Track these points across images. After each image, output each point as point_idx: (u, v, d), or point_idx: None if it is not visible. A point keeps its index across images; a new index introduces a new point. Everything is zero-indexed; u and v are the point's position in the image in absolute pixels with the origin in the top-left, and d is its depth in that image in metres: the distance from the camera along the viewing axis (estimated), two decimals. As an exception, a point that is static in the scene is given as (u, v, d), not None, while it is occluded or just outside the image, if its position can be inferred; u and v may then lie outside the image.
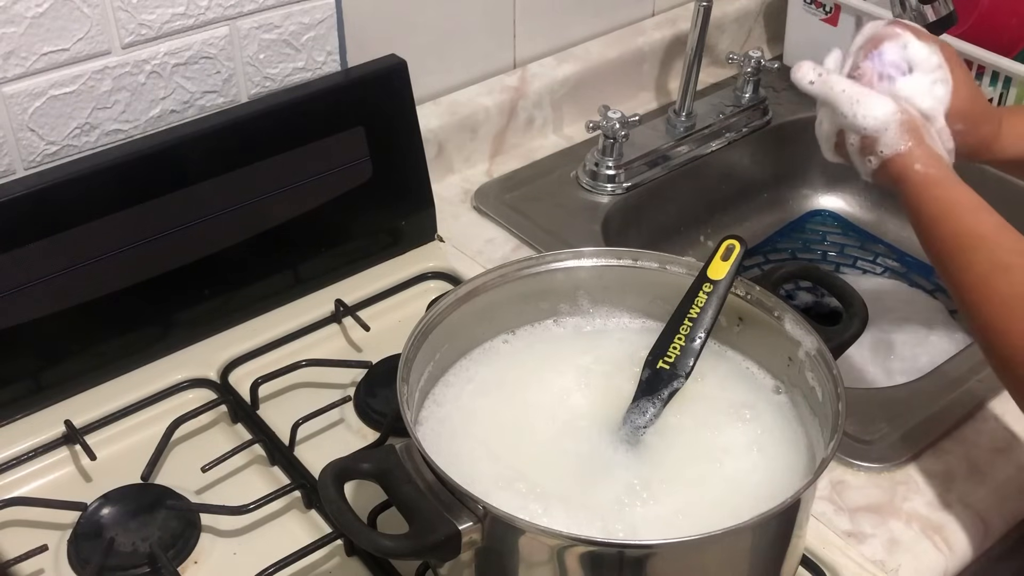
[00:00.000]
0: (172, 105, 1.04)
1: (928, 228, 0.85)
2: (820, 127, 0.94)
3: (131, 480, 0.92)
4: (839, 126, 0.91)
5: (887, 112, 0.87)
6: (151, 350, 1.03)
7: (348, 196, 1.10)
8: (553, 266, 0.90)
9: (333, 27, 1.11)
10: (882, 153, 0.88)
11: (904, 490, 0.94)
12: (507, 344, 0.91)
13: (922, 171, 0.85)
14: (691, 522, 0.75)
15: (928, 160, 0.86)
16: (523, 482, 0.78)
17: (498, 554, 0.73)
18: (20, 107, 0.95)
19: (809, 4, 1.45)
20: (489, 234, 1.22)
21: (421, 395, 0.85)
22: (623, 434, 0.82)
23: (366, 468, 0.75)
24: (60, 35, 0.94)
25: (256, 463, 0.95)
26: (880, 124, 0.87)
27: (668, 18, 1.47)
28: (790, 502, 0.71)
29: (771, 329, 0.86)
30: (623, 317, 0.93)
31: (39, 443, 0.95)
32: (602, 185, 1.29)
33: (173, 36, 1.01)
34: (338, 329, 1.09)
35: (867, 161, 0.89)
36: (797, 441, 0.83)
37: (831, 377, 0.79)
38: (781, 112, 1.44)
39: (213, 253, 1.03)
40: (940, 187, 0.84)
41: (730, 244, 0.86)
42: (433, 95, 1.27)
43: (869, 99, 0.88)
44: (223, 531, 0.89)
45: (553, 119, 1.38)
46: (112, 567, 0.84)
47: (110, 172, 0.96)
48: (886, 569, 0.87)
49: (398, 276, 1.14)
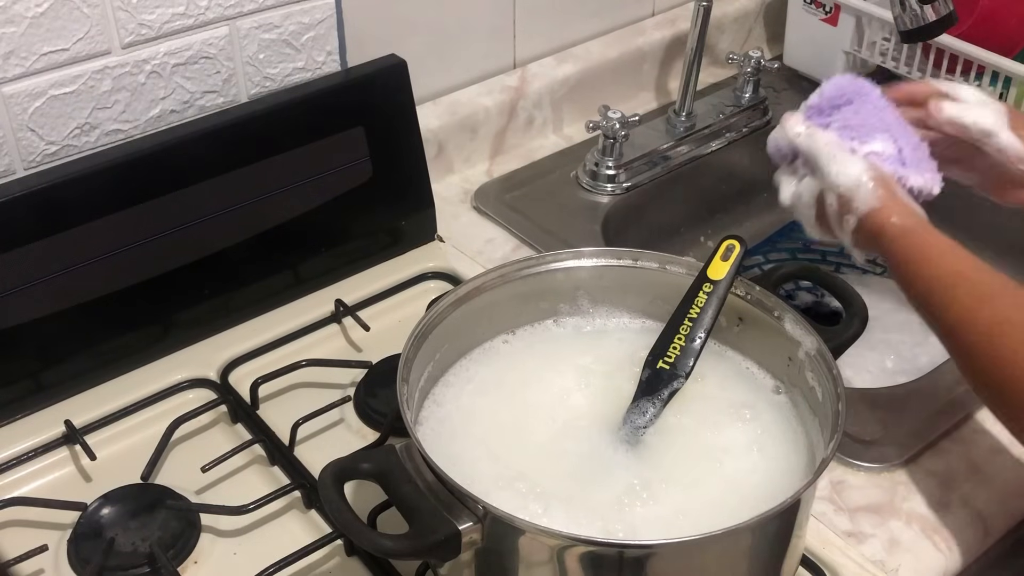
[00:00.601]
0: (172, 105, 1.04)
1: (909, 274, 0.87)
2: (800, 199, 0.95)
3: (131, 480, 0.91)
4: (818, 189, 0.93)
5: (859, 169, 0.90)
6: (151, 350, 1.03)
7: (348, 196, 1.10)
8: (553, 266, 0.91)
9: (333, 27, 1.11)
10: (858, 210, 0.90)
11: (904, 490, 0.94)
12: (507, 344, 0.91)
13: (899, 223, 0.88)
14: (691, 522, 0.75)
15: (903, 212, 0.88)
16: (523, 482, 0.78)
17: (498, 554, 0.73)
18: (20, 107, 0.95)
19: (809, 4, 1.45)
20: (489, 234, 1.22)
21: (421, 395, 0.85)
22: (623, 434, 0.82)
23: (366, 468, 0.75)
24: (60, 35, 0.94)
25: (256, 463, 0.95)
26: (853, 181, 0.89)
27: (668, 18, 1.47)
28: (790, 502, 0.71)
29: (771, 329, 0.86)
30: (623, 317, 0.93)
31: (39, 443, 0.95)
32: (602, 185, 1.29)
33: (173, 36, 1.01)
34: (338, 329, 1.09)
35: (846, 221, 0.91)
36: (797, 441, 0.83)
37: (831, 377, 0.79)
38: (781, 112, 1.44)
39: (213, 253, 1.03)
40: (917, 235, 0.87)
41: (730, 244, 0.86)
42: (433, 95, 1.27)
43: (844, 158, 0.91)
44: (223, 531, 0.89)
45: (553, 119, 1.38)
46: (112, 567, 0.84)
47: (110, 172, 0.96)
48: (886, 569, 0.87)
49: (398, 276, 1.14)
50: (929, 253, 0.86)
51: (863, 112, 0.96)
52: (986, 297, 0.82)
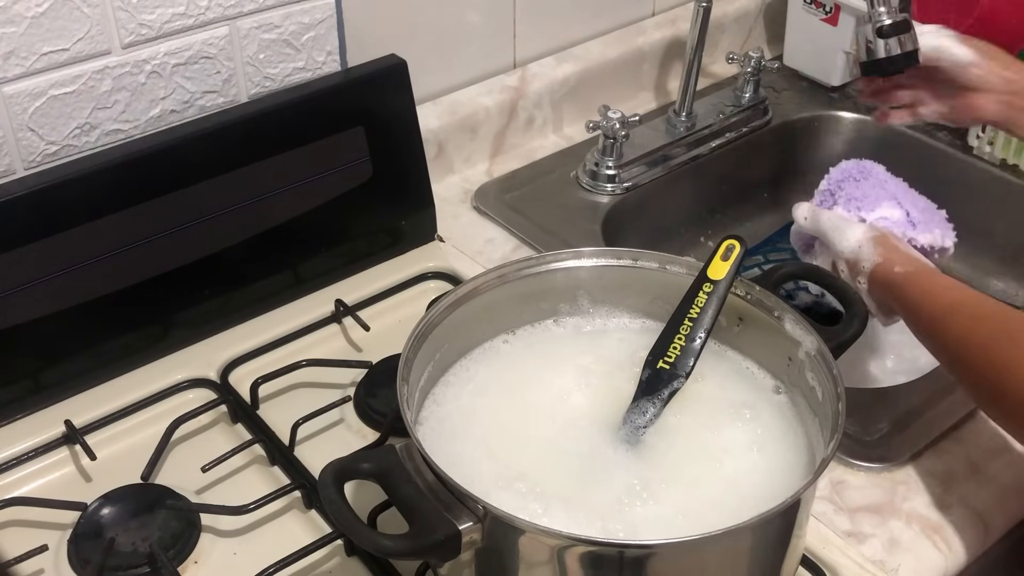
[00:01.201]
0: (172, 105, 1.04)
1: (915, 311, 0.93)
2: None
3: (131, 480, 0.92)
4: (832, 260, 1.02)
5: (859, 233, 1.00)
6: (151, 350, 1.03)
7: (348, 196, 1.10)
8: (553, 266, 0.90)
9: (333, 27, 1.11)
10: (865, 268, 0.98)
11: (904, 490, 0.94)
12: (507, 344, 0.91)
13: (902, 271, 0.95)
14: (691, 522, 0.75)
15: (905, 261, 0.97)
16: (523, 482, 0.78)
17: (498, 554, 0.73)
18: (20, 107, 0.95)
19: (809, 4, 1.45)
20: (489, 234, 1.22)
21: (421, 395, 0.85)
22: (623, 434, 0.82)
23: (366, 468, 0.75)
24: (60, 35, 0.94)
25: (256, 463, 0.95)
26: (855, 244, 0.99)
27: (668, 18, 1.47)
28: (790, 502, 0.71)
29: (771, 329, 0.86)
30: (623, 317, 0.93)
31: (39, 443, 0.95)
32: (602, 185, 1.29)
33: (173, 36, 1.01)
34: (338, 329, 1.09)
35: (859, 284, 0.99)
36: (797, 441, 0.83)
37: (831, 377, 0.79)
38: (781, 112, 1.44)
39: (213, 253, 1.03)
40: (920, 276, 0.95)
41: (730, 244, 0.86)
42: (433, 95, 1.27)
43: (846, 226, 1.01)
44: (223, 531, 0.89)
45: (553, 119, 1.38)
46: (112, 567, 0.84)
47: (110, 172, 0.96)
48: (886, 569, 0.87)
49: (398, 276, 1.14)
50: (932, 290, 0.93)
51: (865, 185, 1.06)
52: (983, 317, 0.87)
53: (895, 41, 1.06)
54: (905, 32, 1.06)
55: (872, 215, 1.03)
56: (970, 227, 1.19)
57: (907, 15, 1.07)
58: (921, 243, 1.03)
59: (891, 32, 1.06)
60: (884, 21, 1.06)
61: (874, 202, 1.04)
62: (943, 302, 0.91)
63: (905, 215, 1.04)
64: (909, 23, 1.07)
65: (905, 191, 1.07)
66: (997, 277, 1.36)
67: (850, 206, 1.05)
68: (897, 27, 1.06)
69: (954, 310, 0.89)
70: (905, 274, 0.95)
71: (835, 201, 1.07)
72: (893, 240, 0.99)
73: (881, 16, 1.06)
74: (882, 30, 1.06)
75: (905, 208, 1.04)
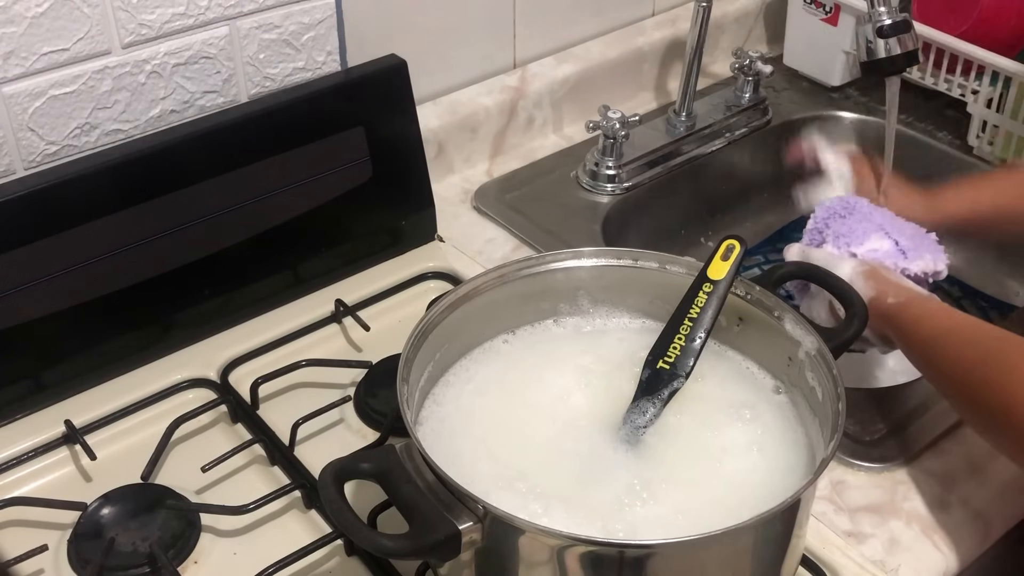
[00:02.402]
0: (172, 105, 1.04)
1: (910, 338, 0.94)
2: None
3: (131, 480, 0.92)
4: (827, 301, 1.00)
5: (849, 268, 0.99)
6: (151, 350, 1.03)
7: (348, 196, 1.10)
8: (553, 266, 0.90)
9: (333, 27, 1.11)
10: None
11: (904, 490, 0.94)
12: (507, 344, 0.91)
13: (895, 302, 0.96)
14: (691, 522, 0.75)
15: (897, 292, 0.97)
16: (523, 482, 0.78)
17: (498, 554, 0.73)
18: (20, 107, 0.95)
19: (809, 4, 1.45)
20: (489, 234, 1.22)
21: (421, 395, 0.85)
22: (623, 434, 0.82)
23: (366, 468, 0.75)
24: (60, 35, 0.94)
25: (256, 463, 0.95)
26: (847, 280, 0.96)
27: (668, 18, 1.47)
28: (790, 502, 0.71)
29: (771, 329, 0.86)
30: (623, 317, 0.93)
31: (39, 443, 0.95)
32: (602, 185, 1.29)
33: (173, 36, 1.01)
34: (338, 329, 1.09)
35: None
36: (797, 441, 0.83)
37: (831, 377, 0.79)
38: (781, 112, 1.44)
39: (213, 253, 1.03)
40: (913, 304, 0.96)
41: (730, 244, 0.86)
42: (433, 95, 1.27)
43: (836, 262, 1.00)
44: (223, 531, 0.89)
45: (553, 119, 1.38)
46: (112, 567, 0.84)
47: (110, 172, 0.96)
48: (886, 569, 0.87)
49: (398, 276, 1.14)
50: (924, 316, 0.94)
51: (851, 221, 1.06)
52: (973, 340, 0.89)
53: (895, 41, 1.06)
54: (905, 32, 1.06)
55: (861, 248, 1.03)
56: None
57: (907, 15, 1.08)
58: (914, 271, 1.04)
59: (891, 32, 1.06)
60: (884, 21, 1.07)
61: (862, 236, 1.04)
62: (936, 325, 0.92)
63: (894, 244, 1.04)
64: (909, 23, 1.07)
65: (891, 220, 1.07)
66: (997, 277, 1.36)
67: (839, 242, 1.05)
68: (897, 27, 1.06)
69: (947, 334, 0.91)
70: (898, 304, 0.95)
71: (823, 239, 1.07)
72: (883, 272, 1.00)
73: (881, 16, 1.07)
74: (882, 30, 1.06)
75: (893, 238, 1.05)
